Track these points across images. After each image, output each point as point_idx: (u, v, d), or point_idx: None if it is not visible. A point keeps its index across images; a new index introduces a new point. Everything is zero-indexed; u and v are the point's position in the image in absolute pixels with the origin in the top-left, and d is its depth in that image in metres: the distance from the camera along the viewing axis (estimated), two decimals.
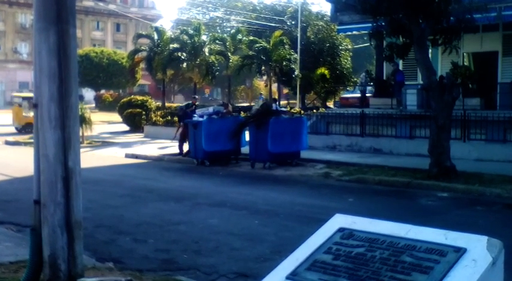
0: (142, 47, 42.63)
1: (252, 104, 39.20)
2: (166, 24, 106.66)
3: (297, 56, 41.09)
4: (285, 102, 50.13)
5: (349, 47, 47.49)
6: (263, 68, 41.63)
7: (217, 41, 40.67)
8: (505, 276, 3.19)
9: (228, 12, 71.89)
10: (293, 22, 47.52)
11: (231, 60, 41.08)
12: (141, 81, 65.21)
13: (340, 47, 45.32)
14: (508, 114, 17.93)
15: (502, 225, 9.90)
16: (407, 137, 19.97)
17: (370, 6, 14.94)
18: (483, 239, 3.17)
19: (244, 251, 8.10)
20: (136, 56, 42.37)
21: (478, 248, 3.11)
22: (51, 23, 5.51)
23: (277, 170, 17.11)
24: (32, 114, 23.28)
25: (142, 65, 44.80)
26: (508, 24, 21.33)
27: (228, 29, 65.09)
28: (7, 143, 26.61)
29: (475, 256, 3.06)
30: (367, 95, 27.02)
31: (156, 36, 40.16)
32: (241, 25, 53.73)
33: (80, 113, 7.03)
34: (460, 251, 3.12)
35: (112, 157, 21.59)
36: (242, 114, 24.14)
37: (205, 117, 19.08)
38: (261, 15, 55.24)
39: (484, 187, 13.10)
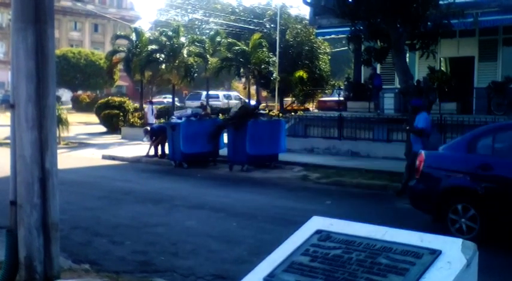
0: (120, 48, 42.34)
1: (230, 106, 39.17)
2: (145, 25, 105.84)
3: (276, 58, 41.13)
4: (263, 105, 50.17)
5: (328, 50, 47.67)
6: (242, 70, 41.58)
7: (196, 43, 40.52)
8: (479, 278, 3.24)
9: (207, 14, 71.80)
10: (272, 25, 47.57)
11: (209, 63, 41.00)
12: (119, 83, 64.78)
13: (319, 51, 45.48)
14: (483, 118, 18.11)
15: None
16: (385, 140, 20.10)
17: (349, 10, 15.04)
18: (458, 242, 3.22)
19: (222, 253, 8.10)
20: (114, 57, 42.06)
21: (452, 251, 3.15)
22: (29, 23, 5.48)
23: (255, 172, 17.13)
24: None
25: (120, 66, 44.50)
26: (484, 30, 21.62)
27: (207, 31, 65.02)
28: None
29: (449, 258, 3.10)
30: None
31: (134, 38, 39.92)
32: (220, 27, 53.70)
33: (57, 113, 7.01)
34: (435, 254, 3.16)
35: (89, 158, 21.46)
36: (220, 116, 24.17)
37: (183, 119, 19.05)
38: (240, 17, 55.21)
39: None
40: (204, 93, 45.85)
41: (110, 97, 39.86)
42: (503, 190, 8.76)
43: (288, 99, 47.03)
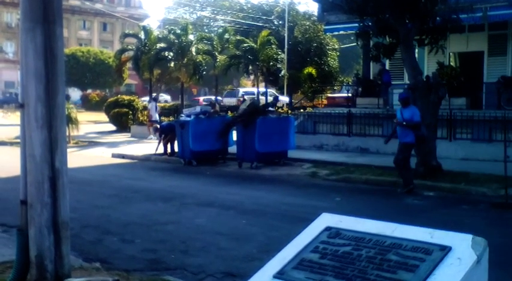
0: (129, 47, 42.39)
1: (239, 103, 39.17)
2: (153, 23, 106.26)
3: (284, 55, 41.11)
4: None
5: (336, 46, 47.63)
6: (250, 67, 41.58)
7: (204, 41, 40.53)
8: (489, 274, 3.23)
9: (215, 12, 71.79)
10: (280, 22, 47.58)
11: (218, 60, 40.99)
12: (128, 81, 64.97)
13: (327, 47, 45.43)
14: (493, 113, 18.05)
15: (487, 224, 9.98)
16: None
17: (357, 6, 15.00)
18: (468, 238, 3.21)
19: (232, 250, 8.10)
20: (123, 56, 42.12)
21: (463, 247, 3.14)
22: (38, 23, 5.49)
23: (265, 169, 17.12)
24: None
25: (129, 65, 44.53)
26: (493, 24, 21.50)
27: (215, 29, 65.00)
28: None
29: (460, 255, 3.09)
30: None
31: (143, 36, 39.94)
32: (228, 25, 53.66)
33: (66, 112, 7.01)
34: (445, 250, 3.15)
35: (99, 156, 21.53)
36: (229, 114, 24.16)
37: (192, 117, 19.07)
38: (248, 14, 55.23)
39: (470, 185, 13.20)
40: (241, 90, 46.01)
41: (119, 95, 39.94)
42: None
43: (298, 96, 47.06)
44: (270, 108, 19.70)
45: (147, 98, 37.00)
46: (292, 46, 43.34)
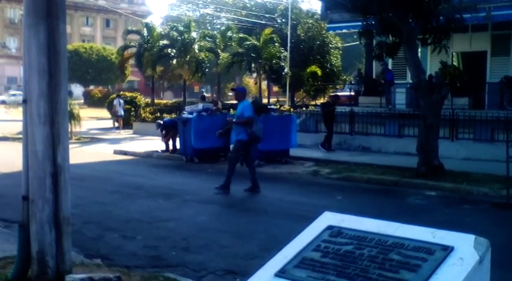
0: (132, 43, 42.43)
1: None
2: (156, 20, 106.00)
3: (287, 53, 41.05)
4: (275, 100, 50.20)
5: (339, 45, 47.52)
6: (253, 65, 41.58)
7: (207, 38, 40.56)
8: (491, 274, 3.22)
9: (218, 9, 71.74)
10: (283, 20, 47.49)
11: (221, 58, 41.02)
12: (131, 78, 64.97)
13: (330, 45, 45.33)
14: (495, 114, 18.04)
15: (490, 224, 9.97)
16: (396, 135, 20.03)
17: (360, 4, 14.97)
18: (470, 238, 3.20)
19: (233, 248, 8.10)
20: (125, 52, 42.17)
21: (465, 247, 3.13)
22: (41, 18, 5.49)
23: (266, 167, 17.11)
24: None
25: (131, 61, 44.61)
26: (496, 24, 21.47)
27: (218, 26, 65.05)
28: None
29: (462, 255, 3.08)
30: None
31: (146, 33, 39.97)
32: (231, 22, 53.64)
33: (68, 109, 7.00)
34: (447, 250, 3.14)
35: (101, 153, 21.53)
36: (231, 111, 24.12)
37: (194, 114, 19.06)
38: (251, 12, 55.15)
39: (472, 185, 13.18)
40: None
41: (121, 92, 39.97)
42: None
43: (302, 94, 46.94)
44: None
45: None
46: (295, 44, 43.23)
